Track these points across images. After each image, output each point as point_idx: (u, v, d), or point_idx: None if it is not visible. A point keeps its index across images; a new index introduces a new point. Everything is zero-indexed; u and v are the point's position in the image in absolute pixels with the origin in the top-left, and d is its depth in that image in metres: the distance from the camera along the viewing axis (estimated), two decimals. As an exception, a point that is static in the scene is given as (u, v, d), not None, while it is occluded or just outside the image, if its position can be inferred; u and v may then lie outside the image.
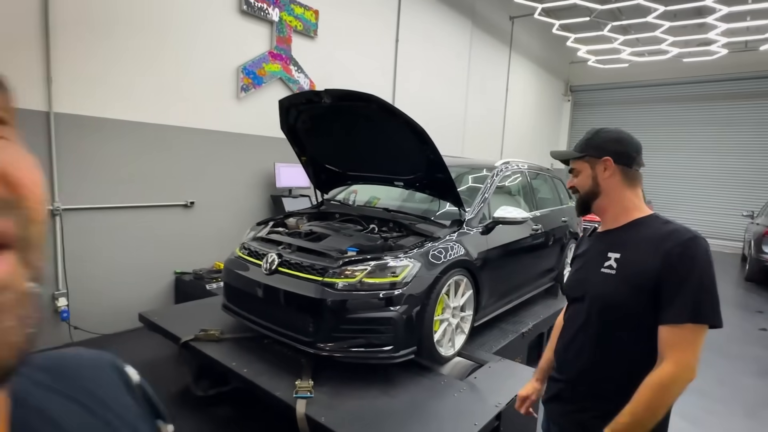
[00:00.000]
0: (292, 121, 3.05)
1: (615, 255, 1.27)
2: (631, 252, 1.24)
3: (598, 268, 1.31)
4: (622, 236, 1.30)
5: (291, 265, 2.52)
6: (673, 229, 1.21)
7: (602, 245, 1.34)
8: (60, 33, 3.19)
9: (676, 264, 1.14)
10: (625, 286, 1.22)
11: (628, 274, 1.22)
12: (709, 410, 3.17)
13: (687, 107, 11.64)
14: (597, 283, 1.30)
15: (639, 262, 1.21)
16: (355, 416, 2.03)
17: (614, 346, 1.26)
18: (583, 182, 1.37)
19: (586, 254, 1.42)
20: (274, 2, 4.62)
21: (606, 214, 1.36)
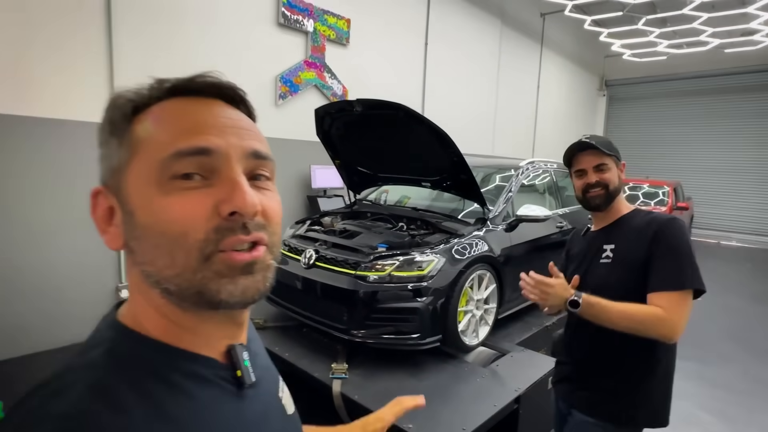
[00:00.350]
0: (327, 127, 3.30)
1: (610, 246, 1.46)
2: (623, 241, 1.43)
3: (596, 261, 1.48)
4: (614, 231, 1.49)
5: (327, 259, 2.77)
6: (654, 215, 1.44)
7: (598, 242, 1.51)
8: (121, 51, 3.57)
9: (661, 239, 1.33)
10: (620, 269, 1.40)
11: (623, 259, 1.40)
12: (736, 404, 3.21)
13: (729, 99, 11.21)
14: (597, 273, 1.46)
15: (631, 247, 1.39)
16: (385, 395, 2.26)
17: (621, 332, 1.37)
18: (614, 178, 1.47)
19: (583, 253, 1.57)
20: (308, 14, 4.90)
21: (609, 212, 1.51)
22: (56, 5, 3.22)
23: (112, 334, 0.45)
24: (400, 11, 6.14)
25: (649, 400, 1.43)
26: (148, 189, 0.43)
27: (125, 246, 0.46)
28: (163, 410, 0.41)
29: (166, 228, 0.42)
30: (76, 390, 0.39)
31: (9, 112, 3.08)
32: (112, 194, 0.46)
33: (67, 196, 3.39)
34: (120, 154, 0.45)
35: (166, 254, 0.42)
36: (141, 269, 0.45)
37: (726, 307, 5.60)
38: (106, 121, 0.47)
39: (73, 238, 3.46)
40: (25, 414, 0.38)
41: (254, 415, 0.49)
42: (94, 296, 3.65)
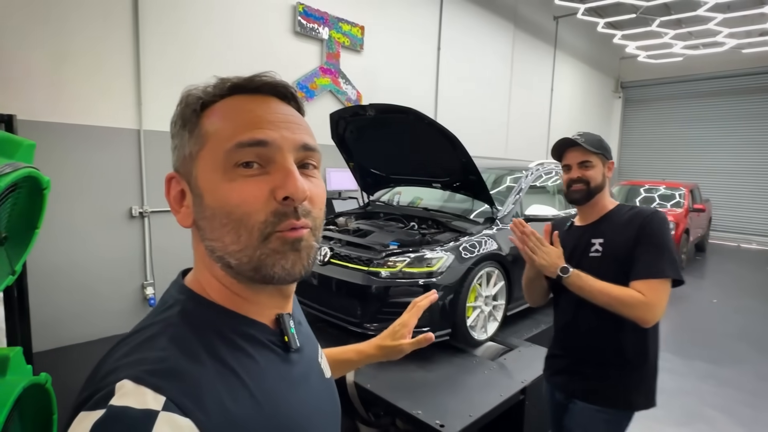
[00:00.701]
0: (341, 131, 3.45)
1: (599, 240, 1.53)
2: (611, 235, 1.52)
3: (586, 255, 1.55)
4: (601, 226, 1.57)
5: (341, 257, 2.90)
6: (638, 209, 1.53)
7: (585, 236, 1.58)
8: (148, 65, 3.78)
9: (644, 231, 1.43)
10: (610, 262, 1.48)
11: (612, 252, 1.49)
12: (743, 402, 3.24)
13: (747, 100, 11.04)
14: (587, 267, 1.50)
15: (619, 240, 1.48)
16: (396, 384, 2.38)
17: (606, 315, 1.46)
18: (597, 175, 1.55)
19: (571, 247, 1.61)
20: (324, 22, 5.08)
21: (595, 208, 1.59)
22: (87, 19, 3.44)
23: (183, 297, 0.52)
24: (412, 17, 6.28)
25: (643, 385, 1.53)
26: (214, 175, 0.50)
27: (194, 224, 0.53)
28: (227, 363, 0.47)
29: (231, 210, 0.49)
30: (160, 341, 0.46)
31: (47, 119, 3.30)
32: (184, 179, 0.53)
33: (97, 198, 3.61)
34: (191, 145, 0.52)
35: (232, 232, 0.49)
36: (206, 245, 0.52)
37: (742, 309, 5.56)
38: (178, 115, 0.54)
39: (103, 239, 3.68)
40: (113, 365, 0.44)
41: (298, 374, 0.56)
42: (122, 292, 3.85)
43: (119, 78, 3.66)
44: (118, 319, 3.81)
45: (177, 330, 0.47)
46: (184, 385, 0.42)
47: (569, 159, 1.58)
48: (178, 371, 0.43)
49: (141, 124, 3.79)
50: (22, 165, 1.23)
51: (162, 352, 0.44)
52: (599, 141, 1.59)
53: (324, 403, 0.63)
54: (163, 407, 0.39)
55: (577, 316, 1.58)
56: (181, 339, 0.46)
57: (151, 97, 3.84)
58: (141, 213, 3.87)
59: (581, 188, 1.54)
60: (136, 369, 0.42)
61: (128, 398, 0.39)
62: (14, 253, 1.36)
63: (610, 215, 1.57)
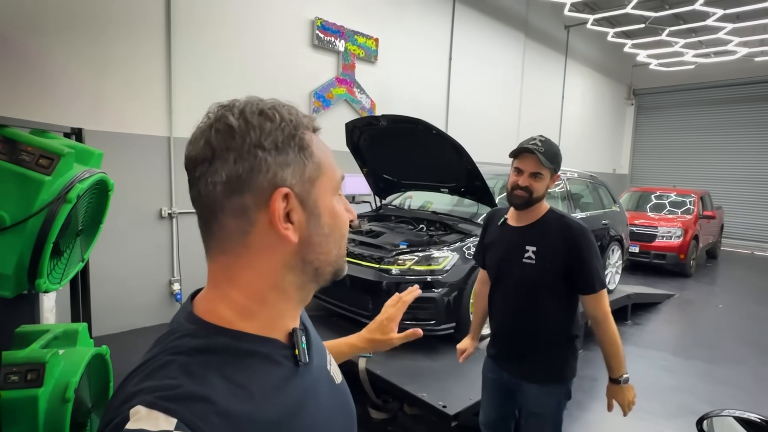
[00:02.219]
0: (356, 139, 3.71)
1: (532, 248, 1.66)
2: (544, 245, 1.65)
3: (519, 259, 1.68)
4: (534, 232, 1.69)
5: (355, 255, 3.15)
6: (566, 222, 1.67)
7: (518, 239, 1.71)
8: (178, 76, 4.10)
9: (578, 251, 1.61)
10: (543, 270, 1.64)
11: (544, 262, 1.64)
12: (740, 400, 3.38)
13: (760, 107, 11.04)
14: (520, 270, 1.68)
15: (552, 252, 1.64)
16: (404, 371, 2.61)
17: (540, 309, 1.70)
18: (541, 188, 1.64)
19: (502, 243, 1.77)
20: (340, 35, 5.37)
21: (530, 213, 1.70)
22: (123, 35, 3.77)
23: (193, 327, 0.53)
24: (425, 29, 6.55)
25: (571, 361, 1.78)
26: (331, 199, 0.59)
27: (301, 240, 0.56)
28: (238, 383, 0.49)
29: (341, 226, 0.60)
30: (171, 369, 0.48)
31: (89, 127, 3.62)
32: (297, 198, 0.55)
33: (131, 200, 3.92)
34: (311, 169, 0.56)
35: (338, 245, 0.60)
36: (310, 258, 0.57)
37: (748, 314, 5.65)
38: (290, 135, 0.55)
39: (135, 238, 3.98)
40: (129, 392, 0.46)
41: (309, 387, 0.59)
42: (152, 287, 4.16)
43: (152, 89, 3.98)
44: (148, 313, 4.11)
45: (188, 358, 0.49)
46: (195, 407, 0.44)
47: (523, 165, 1.65)
48: (188, 395, 0.45)
49: (171, 132, 4.10)
50: (96, 171, 1.50)
51: (173, 380, 0.46)
52: (556, 155, 1.66)
53: (336, 410, 0.65)
54: (175, 427, 0.42)
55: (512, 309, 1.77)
56: (191, 366, 0.48)
57: (181, 106, 4.15)
58: (170, 214, 4.17)
59: (523, 195, 1.63)
60: (148, 396, 0.44)
61: (142, 422, 0.42)
62: (84, 244, 1.64)
63: (543, 222, 1.69)
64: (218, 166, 0.51)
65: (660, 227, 7.58)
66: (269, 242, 0.54)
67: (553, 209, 1.73)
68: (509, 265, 1.72)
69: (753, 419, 1.31)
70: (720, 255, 9.85)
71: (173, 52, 4.04)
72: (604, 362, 1.71)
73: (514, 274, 1.72)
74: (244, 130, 0.52)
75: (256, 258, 0.55)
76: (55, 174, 1.34)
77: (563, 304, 1.70)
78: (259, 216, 0.53)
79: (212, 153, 0.52)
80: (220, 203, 0.53)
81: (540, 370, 1.73)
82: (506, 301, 1.78)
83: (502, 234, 1.78)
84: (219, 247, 0.56)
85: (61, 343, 1.60)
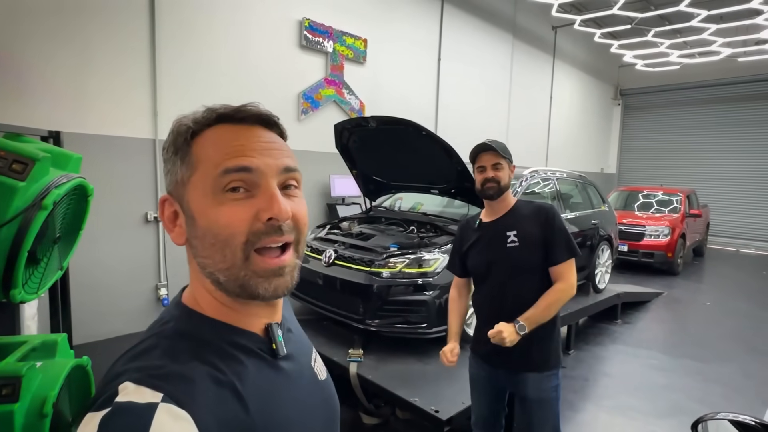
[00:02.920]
0: (345, 141, 3.67)
1: (513, 232, 1.81)
2: (522, 227, 1.81)
3: (502, 246, 1.81)
4: (510, 219, 1.85)
5: (345, 258, 3.11)
6: (536, 204, 1.88)
7: (498, 229, 1.84)
8: (163, 77, 4.03)
9: (550, 225, 1.79)
10: (527, 250, 1.79)
11: (526, 241, 1.79)
12: (730, 399, 3.41)
13: (744, 107, 11.24)
14: (506, 255, 1.80)
15: (530, 232, 1.80)
16: (396, 376, 2.58)
17: (531, 292, 1.78)
18: (505, 176, 1.83)
19: (482, 240, 1.89)
20: (328, 36, 5.32)
21: (502, 204, 1.86)
22: (107, 32, 3.69)
23: (178, 313, 0.58)
24: (414, 30, 6.53)
25: (558, 346, 1.91)
26: (204, 199, 0.55)
27: (187, 242, 0.58)
28: (218, 368, 0.52)
29: (218, 231, 0.54)
30: (155, 352, 0.51)
31: (70, 130, 3.53)
32: (177, 201, 0.58)
33: (115, 204, 3.83)
34: (182, 171, 0.57)
35: (219, 252, 0.54)
36: (198, 261, 0.57)
37: (736, 311, 5.71)
38: (170, 142, 0.58)
39: (120, 243, 3.90)
40: (116, 371, 0.50)
41: (287, 379, 0.61)
42: (138, 292, 4.07)
43: (136, 91, 3.90)
44: (134, 318, 4.02)
45: (170, 342, 0.53)
46: (179, 385, 0.47)
47: (484, 161, 1.84)
48: (173, 374, 0.48)
49: (156, 134, 4.03)
50: (74, 175, 1.45)
51: (158, 361, 0.50)
52: (505, 148, 1.87)
53: (317, 405, 0.66)
54: (161, 400, 0.45)
55: (499, 299, 1.83)
56: (174, 350, 0.52)
57: (167, 108, 4.08)
58: (156, 218, 4.09)
59: (494, 186, 1.81)
60: (135, 374, 0.47)
61: (131, 396, 0.45)
62: (63, 252, 1.58)
63: (515, 210, 1.87)
64: None
65: (648, 226, 7.65)
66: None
67: (520, 200, 1.93)
68: (496, 256, 1.84)
69: (747, 422, 1.30)
70: (706, 253, 9.98)
71: (158, 52, 3.97)
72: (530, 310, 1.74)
73: (502, 263, 1.83)
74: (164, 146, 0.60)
75: (189, 259, 0.60)
76: (29, 179, 1.29)
77: (548, 284, 1.81)
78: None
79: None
80: None
81: (537, 356, 1.81)
82: (496, 294, 1.85)
83: (481, 233, 1.91)
84: None
85: (40, 355, 1.53)
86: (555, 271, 1.80)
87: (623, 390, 3.42)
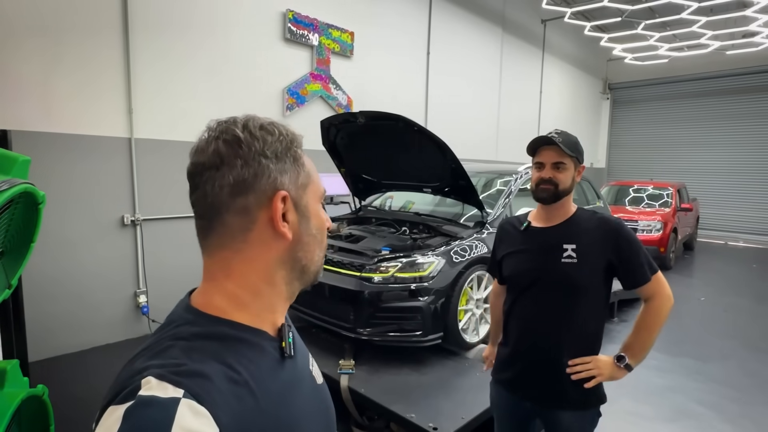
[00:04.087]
0: (332, 138, 3.48)
1: (571, 246, 1.51)
2: (583, 242, 1.51)
3: (557, 259, 1.51)
4: (569, 230, 1.55)
5: (334, 263, 2.94)
6: (600, 216, 1.56)
7: (552, 239, 1.55)
8: (138, 73, 3.79)
9: (623, 244, 1.48)
10: (586, 269, 1.49)
11: (588, 260, 1.49)
12: (730, 398, 3.31)
13: (732, 100, 11.26)
14: (559, 271, 1.51)
15: (593, 250, 1.50)
16: (389, 388, 2.42)
17: (577, 316, 1.51)
18: (567, 178, 1.53)
19: (529, 248, 1.60)
20: (313, 28, 5.12)
21: (560, 210, 1.56)
22: (79, 29, 3.45)
23: (191, 316, 0.60)
24: (402, 22, 6.34)
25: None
26: (317, 204, 0.67)
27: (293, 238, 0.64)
28: (232, 367, 0.54)
29: (324, 231, 0.69)
30: (173, 351, 0.53)
31: (36, 129, 3.30)
32: (292, 201, 0.63)
33: (89, 206, 3.60)
34: (303, 177, 0.65)
35: (320, 247, 0.68)
36: (297, 255, 0.65)
37: (730, 306, 5.66)
38: (287, 144, 0.64)
39: (95, 248, 3.67)
40: (138, 368, 0.51)
41: (293, 379, 0.65)
42: (115, 300, 3.85)
43: (109, 87, 3.66)
44: (112, 328, 3.81)
45: (187, 342, 0.55)
46: (199, 383, 0.49)
47: (544, 157, 1.56)
48: (192, 372, 0.50)
49: (132, 133, 3.80)
50: (19, 181, 1.25)
51: (177, 359, 0.52)
52: (575, 144, 1.56)
53: (316, 407, 0.69)
54: (183, 396, 0.47)
55: (544, 320, 1.55)
56: (191, 349, 0.54)
57: (142, 105, 3.85)
58: (133, 221, 3.87)
59: (549, 189, 1.53)
60: (157, 369, 0.49)
61: (154, 390, 0.47)
62: (10, 267, 1.38)
63: (576, 220, 1.56)
64: (226, 171, 0.59)
65: (640, 221, 7.58)
66: (267, 239, 0.62)
67: (582, 208, 1.62)
68: (546, 270, 1.54)
69: None
70: (696, 246, 9.99)
71: (132, 45, 3.72)
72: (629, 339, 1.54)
73: (552, 278, 1.54)
74: (249, 141, 0.60)
75: (254, 252, 0.62)
76: (-40, 187, 1.09)
77: (600, 311, 1.56)
78: (260, 215, 0.61)
79: (221, 160, 0.59)
80: (225, 203, 0.60)
81: (575, 392, 1.51)
82: (537, 313, 1.57)
83: (527, 238, 1.62)
84: (220, 243, 0.62)
85: (-16, 387, 1.34)
86: (644, 292, 1.51)
87: (624, 393, 3.29)
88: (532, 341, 1.58)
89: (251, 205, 0.60)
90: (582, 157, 1.58)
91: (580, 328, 1.53)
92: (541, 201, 1.58)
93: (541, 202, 1.58)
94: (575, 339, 1.53)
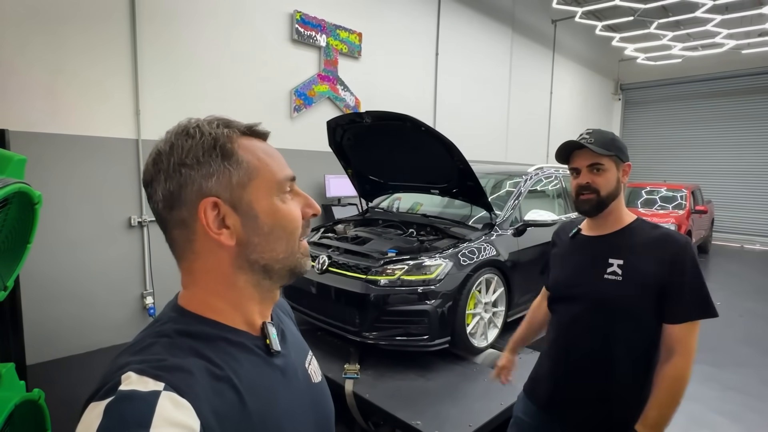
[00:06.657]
0: (339, 138, 3.44)
1: (618, 261, 1.31)
2: (633, 259, 1.30)
3: (599, 274, 1.34)
4: (618, 242, 1.35)
5: (339, 265, 2.89)
6: (664, 231, 1.33)
7: (597, 251, 1.38)
8: (146, 74, 3.79)
9: (680, 267, 1.25)
10: (633, 291, 1.29)
11: (635, 280, 1.29)
12: (749, 407, 3.20)
13: (748, 100, 11.03)
14: (599, 287, 1.34)
15: (644, 268, 1.28)
16: (395, 394, 2.36)
17: (624, 344, 1.32)
18: (609, 182, 1.34)
19: (573, 257, 1.46)
20: (321, 29, 5.09)
21: (609, 218, 1.38)
22: (86, 30, 3.45)
23: (176, 315, 0.61)
24: (410, 23, 6.30)
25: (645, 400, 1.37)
26: (270, 200, 0.61)
27: (238, 243, 0.60)
28: (214, 362, 0.55)
29: (286, 224, 0.63)
30: (155, 348, 0.54)
31: (44, 130, 3.31)
32: (228, 204, 0.59)
33: (95, 208, 3.60)
34: (238, 175, 0.60)
35: (283, 243, 0.62)
36: (253, 258, 0.61)
37: (746, 311, 5.51)
38: (209, 146, 0.59)
39: (102, 249, 3.67)
40: (119, 364, 0.52)
41: (281, 375, 0.64)
42: (122, 302, 3.84)
43: (117, 88, 3.66)
44: (118, 329, 3.80)
45: (169, 339, 0.56)
46: (179, 376, 0.50)
47: (577, 162, 1.38)
48: (173, 366, 0.51)
49: (139, 134, 3.79)
50: (12, 181, 1.22)
51: (158, 355, 0.52)
52: (611, 140, 1.36)
53: (309, 406, 0.69)
54: (163, 389, 0.47)
55: (583, 340, 1.39)
56: (173, 346, 0.55)
57: (150, 106, 3.84)
58: (140, 222, 3.86)
59: (590, 197, 1.34)
60: (138, 365, 0.50)
61: (134, 385, 0.47)
62: (6, 269, 1.36)
63: (630, 232, 1.36)
64: (156, 187, 0.59)
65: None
66: (212, 247, 0.60)
67: (642, 219, 1.40)
68: (585, 283, 1.37)
69: None
70: (711, 249, 9.79)
71: (139, 47, 3.72)
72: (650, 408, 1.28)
73: (590, 294, 1.36)
74: (168, 153, 0.59)
75: (207, 262, 0.61)
76: (-51, 187, 1.06)
77: (647, 337, 1.31)
78: (196, 225, 0.59)
79: (150, 177, 0.59)
80: (165, 218, 0.60)
81: (611, 423, 1.34)
82: (570, 329, 1.42)
83: (573, 246, 1.46)
84: (176, 255, 0.62)
85: (-22, 391, 1.31)
86: (672, 334, 1.25)
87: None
88: (567, 359, 1.42)
89: (185, 216, 0.58)
90: (624, 153, 1.38)
91: (622, 355, 1.32)
92: (585, 214, 1.40)
93: (585, 215, 1.41)
94: (616, 366, 1.34)
